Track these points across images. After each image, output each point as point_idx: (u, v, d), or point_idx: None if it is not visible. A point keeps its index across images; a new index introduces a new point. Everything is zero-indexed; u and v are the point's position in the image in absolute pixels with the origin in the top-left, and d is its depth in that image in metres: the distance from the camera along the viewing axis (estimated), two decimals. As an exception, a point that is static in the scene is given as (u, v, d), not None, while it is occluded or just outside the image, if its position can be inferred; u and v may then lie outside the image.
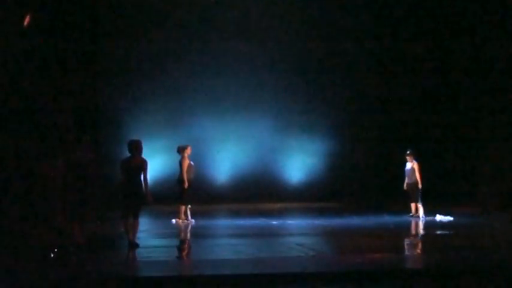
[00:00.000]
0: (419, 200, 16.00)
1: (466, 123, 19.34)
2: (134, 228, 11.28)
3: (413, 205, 16.14)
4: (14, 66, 13.78)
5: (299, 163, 21.04)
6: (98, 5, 19.86)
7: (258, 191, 20.17)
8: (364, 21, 21.17)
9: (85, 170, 11.04)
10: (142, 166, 11.21)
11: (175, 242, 12.93)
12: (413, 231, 14.42)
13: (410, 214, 16.14)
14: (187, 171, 15.21)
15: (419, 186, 15.96)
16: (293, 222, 16.08)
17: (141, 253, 10.91)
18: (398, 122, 20.50)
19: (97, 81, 19.73)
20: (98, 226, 14.20)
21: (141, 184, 11.19)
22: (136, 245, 11.19)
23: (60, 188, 11.16)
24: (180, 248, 12.21)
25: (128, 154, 11.34)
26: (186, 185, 15.12)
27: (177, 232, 14.12)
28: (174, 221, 15.30)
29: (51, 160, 12.66)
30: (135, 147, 11.30)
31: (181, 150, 15.40)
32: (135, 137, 12.11)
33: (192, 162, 15.38)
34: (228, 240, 13.02)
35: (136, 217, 11.27)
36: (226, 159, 20.36)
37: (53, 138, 13.76)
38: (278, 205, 19.48)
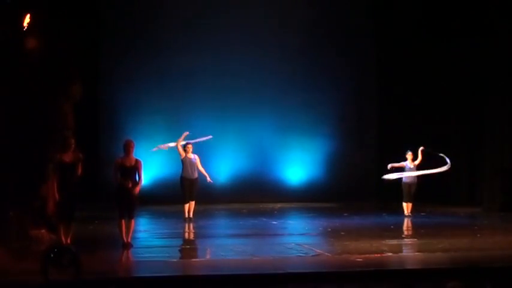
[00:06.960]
0: (407, 199, 16.11)
1: (466, 123, 19.30)
2: (129, 228, 11.22)
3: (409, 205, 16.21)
4: (13, 67, 13.76)
5: (299, 163, 20.99)
6: (99, 3, 19.84)
7: (258, 191, 20.12)
8: (365, 21, 21.14)
9: (72, 170, 10.81)
10: (136, 166, 11.15)
11: (174, 242, 12.91)
12: (412, 231, 14.42)
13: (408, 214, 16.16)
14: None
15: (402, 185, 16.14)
16: (293, 222, 16.08)
17: (139, 253, 10.88)
18: (399, 122, 20.43)
19: (97, 81, 19.71)
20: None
21: (135, 184, 11.13)
22: (131, 246, 11.14)
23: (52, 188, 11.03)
24: (179, 248, 12.19)
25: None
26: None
27: (176, 232, 14.10)
28: None
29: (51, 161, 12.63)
30: (126, 147, 11.22)
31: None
32: (134, 137, 12.09)
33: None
34: (228, 240, 12.99)
35: (131, 217, 11.21)
36: (226, 159, 20.31)
37: (52, 139, 13.73)
38: (278, 205, 19.45)
